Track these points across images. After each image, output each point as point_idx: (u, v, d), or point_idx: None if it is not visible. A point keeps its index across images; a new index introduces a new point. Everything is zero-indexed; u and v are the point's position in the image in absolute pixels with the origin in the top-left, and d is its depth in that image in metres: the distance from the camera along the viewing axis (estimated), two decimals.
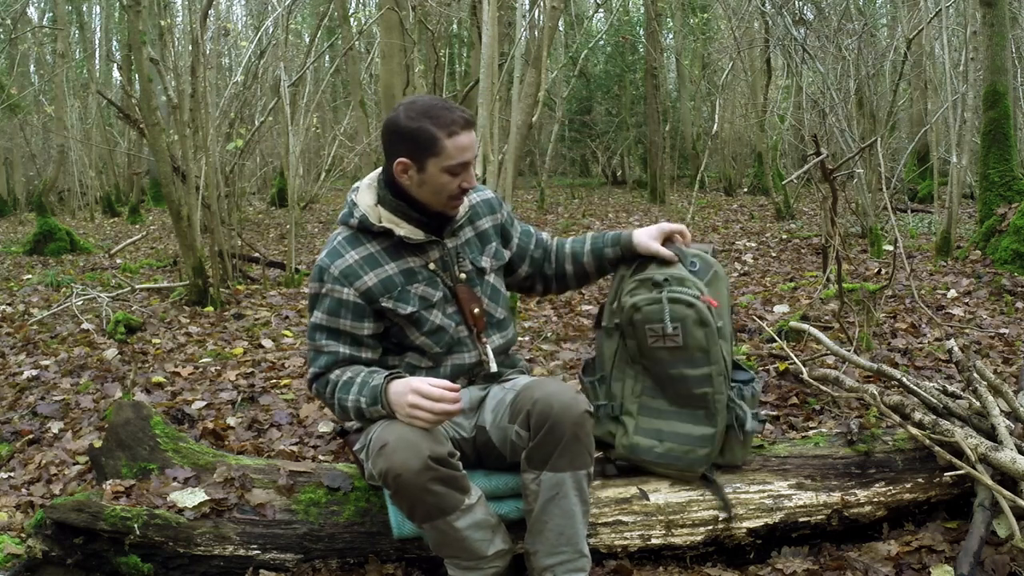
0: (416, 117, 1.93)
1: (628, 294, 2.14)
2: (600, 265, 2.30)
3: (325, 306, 2.04)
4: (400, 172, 1.98)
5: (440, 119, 1.92)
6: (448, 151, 1.93)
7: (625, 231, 2.27)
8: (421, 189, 1.99)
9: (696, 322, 2.06)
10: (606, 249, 2.28)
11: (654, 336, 2.08)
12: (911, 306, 4.72)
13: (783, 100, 14.24)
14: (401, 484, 1.81)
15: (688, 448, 2.13)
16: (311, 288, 2.08)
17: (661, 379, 2.15)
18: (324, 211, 15.37)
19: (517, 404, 1.97)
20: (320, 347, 2.05)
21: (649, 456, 2.16)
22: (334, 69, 15.98)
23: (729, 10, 11.79)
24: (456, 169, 1.95)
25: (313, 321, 2.07)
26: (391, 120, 1.98)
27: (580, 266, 2.32)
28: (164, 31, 7.89)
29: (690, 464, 2.15)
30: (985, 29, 6.61)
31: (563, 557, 1.96)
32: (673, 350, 2.08)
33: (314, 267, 2.06)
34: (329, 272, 2.03)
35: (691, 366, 2.09)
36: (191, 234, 5.94)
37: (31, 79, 20.09)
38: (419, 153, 1.94)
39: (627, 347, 2.17)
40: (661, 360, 2.11)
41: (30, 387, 4.00)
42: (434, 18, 11.23)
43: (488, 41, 4.77)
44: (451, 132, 1.92)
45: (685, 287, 2.10)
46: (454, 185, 1.98)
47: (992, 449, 2.08)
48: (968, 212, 9.30)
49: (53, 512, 2.04)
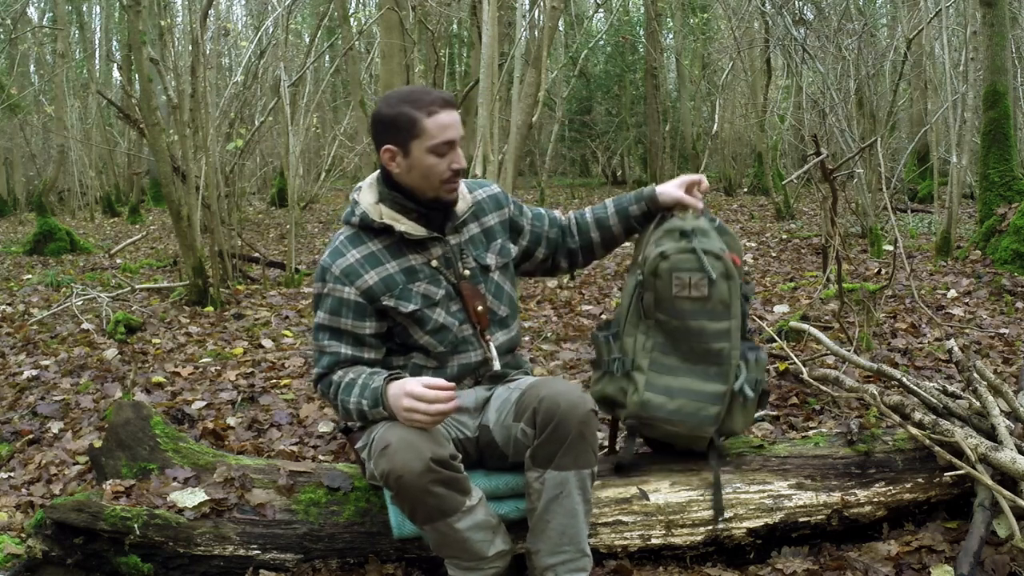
0: (395, 103, 1.96)
1: (654, 243, 2.12)
2: (627, 225, 2.28)
3: (327, 306, 2.04)
4: (388, 160, 2.00)
5: (418, 101, 1.94)
6: (430, 130, 1.94)
7: (647, 187, 2.28)
8: (411, 175, 1.99)
9: (722, 274, 2.06)
10: (631, 207, 2.26)
11: (680, 285, 2.06)
12: (911, 306, 4.72)
13: (783, 100, 14.24)
14: (402, 485, 1.81)
15: (699, 405, 2.10)
16: (314, 288, 2.08)
17: (676, 333, 2.11)
18: (324, 211, 15.38)
19: (523, 402, 1.97)
20: (323, 347, 2.06)
21: (660, 413, 2.12)
22: (334, 69, 15.98)
23: (729, 10, 11.79)
24: (441, 149, 1.96)
25: (317, 321, 2.07)
26: (374, 112, 2.01)
27: (607, 230, 2.30)
28: (164, 31, 7.90)
29: (700, 423, 2.11)
30: (985, 29, 6.61)
31: (565, 556, 1.96)
32: (697, 300, 2.06)
33: (317, 267, 2.07)
34: (331, 272, 2.03)
35: (712, 318, 2.07)
36: (191, 234, 5.94)
37: (31, 79, 20.10)
38: (402, 137, 1.96)
39: (643, 300, 2.13)
40: (682, 311, 2.08)
41: (30, 387, 4.00)
42: (434, 18, 11.23)
43: (488, 41, 4.77)
44: (430, 112, 1.94)
45: (711, 239, 2.10)
46: (443, 166, 1.98)
47: (992, 449, 2.08)
48: (968, 212, 9.30)
49: (53, 512, 2.04)
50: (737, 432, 2.21)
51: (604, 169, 22.20)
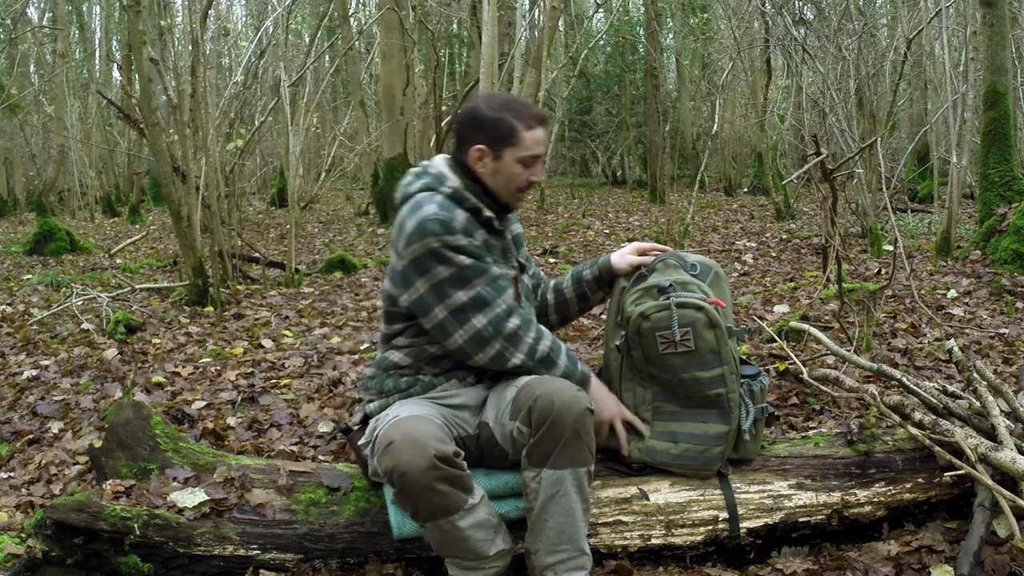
0: (498, 108, 2.05)
1: (633, 304, 2.14)
2: (580, 291, 2.35)
3: (466, 250, 2.00)
4: (476, 159, 2.07)
5: (519, 112, 2.06)
6: (525, 142, 2.05)
7: (603, 256, 2.36)
8: (495, 177, 2.08)
9: (706, 325, 2.07)
10: (584, 272, 2.35)
11: (665, 343, 2.08)
12: (911, 306, 4.72)
13: (783, 100, 14.25)
14: (406, 482, 1.81)
15: (703, 447, 2.14)
16: (433, 244, 1.97)
17: (671, 384, 2.15)
18: (324, 211, 15.38)
19: (519, 401, 1.98)
20: (492, 276, 2.02)
21: (665, 458, 2.17)
22: (334, 69, 16.00)
23: (729, 10, 11.80)
24: (528, 161, 2.07)
25: (460, 265, 1.98)
26: (473, 109, 2.08)
27: (560, 294, 2.37)
28: (164, 31, 7.90)
29: (706, 463, 2.16)
30: (985, 29, 6.61)
31: (564, 555, 1.97)
32: (685, 355, 2.09)
33: (425, 222, 1.97)
34: (452, 224, 1.98)
35: (703, 368, 2.10)
36: (191, 234, 5.94)
37: (31, 79, 20.11)
38: (498, 141, 2.04)
39: (632, 357, 2.16)
40: (672, 366, 2.11)
41: (30, 387, 4.00)
42: (434, 18, 11.23)
43: (488, 41, 4.77)
44: (529, 125, 2.05)
45: (690, 291, 2.11)
46: (523, 177, 2.09)
47: (992, 449, 2.08)
48: (968, 212, 9.30)
49: (53, 512, 2.04)
50: (750, 459, 2.24)
51: (604, 169, 22.21)
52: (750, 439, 2.19)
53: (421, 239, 1.97)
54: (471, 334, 2.02)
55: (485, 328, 2.01)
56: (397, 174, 11.22)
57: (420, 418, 1.93)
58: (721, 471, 2.19)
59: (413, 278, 2.01)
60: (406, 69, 11.33)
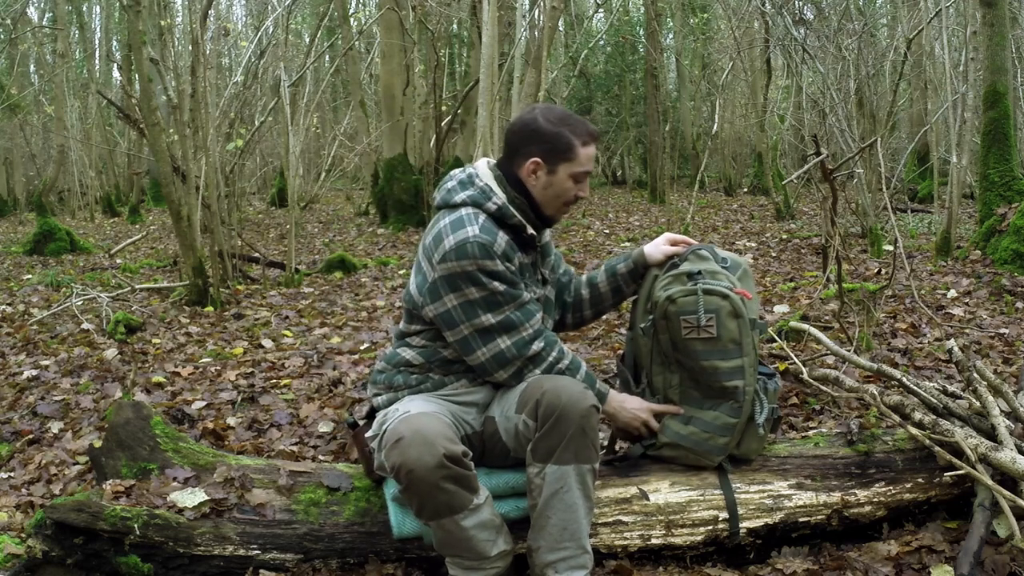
0: (557, 123, 2.05)
1: (662, 288, 2.16)
2: (615, 284, 2.35)
3: (502, 277, 2.01)
4: (529, 172, 2.07)
5: (576, 127, 2.07)
6: (580, 158, 2.07)
7: (636, 248, 2.36)
8: (546, 191, 2.09)
9: (730, 313, 2.08)
10: (619, 266, 2.35)
11: (688, 327, 2.10)
12: (911, 306, 4.72)
13: (783, 100, 14.25)
14: (413, 479, 1.82)
15: (709, 435, 2.15)
16: (469, 267, 1.99)
17: (694, 372, 2.16)
18: (324, 211, 15.37)
19: (526, 394, 1.99)
20: (521, 301, 2.04)
21: (674, 438, 2.18)
22: (334, 69, 15.99)
23: (729, 10, 11.80)
24: (580, 176, 2.09)
25: (492, 290, 2.00)
26: (530, 121, 2.07)
27: (595, 288, 2.37)
28: (164, 31, 7.90)
29: (708, 451, 2.16)
30: (985, 29, 6.61)
31: (565, 553, 1.97)
32: (706, 341, 2.10)
33: (466, 244, 1.98)
34: (493, 249, 1.99)
35: (724, 358, 2.10)
36: (191, 234, 5.94)
37: (31, 79, 20.11)
38: (554, 156, 2.05)
39: (660, 343, 2.17)
40: (694, 352, 2.12)
41: (30, 387, 4.00)
42: (434, 18, 11.24)
43: (488, 41, 4.77)
44: (585, 141, 2.07)
45: (718, 279, 2.13)
46: (572, 192, 2.10)
47: (992, 449, 2.08)
48: (968, 212, 9.30)
49: (53, 512, 2.04)
50: (751, 457, 2.24)
51: (604, 169, 22.21)
52: (761, 435, 2.20)
53: (458, 260, 1.98)
54: (494, 353, 2.04)
55: (508, 349, 2.04)
56: (397, 174, 11.21)
57: (430, 415, 1.93)
58: (722, 464, 2.19)
59: (443, 292, 2.02)
60: (406, 69, 11.33)
